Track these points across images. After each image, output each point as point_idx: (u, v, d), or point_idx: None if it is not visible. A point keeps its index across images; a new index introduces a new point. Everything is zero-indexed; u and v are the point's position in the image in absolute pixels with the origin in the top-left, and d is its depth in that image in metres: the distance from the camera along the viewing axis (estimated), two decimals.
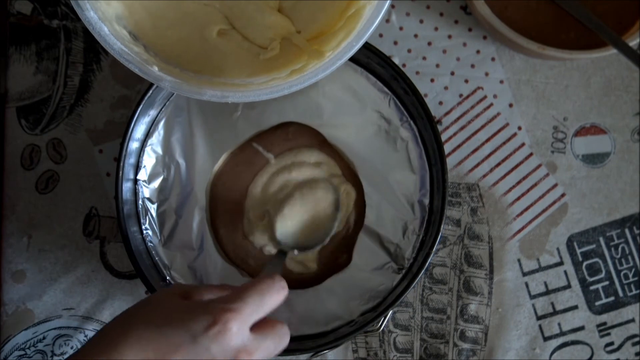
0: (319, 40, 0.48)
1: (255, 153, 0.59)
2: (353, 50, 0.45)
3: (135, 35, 0.47)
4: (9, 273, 0.60)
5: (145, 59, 0.45)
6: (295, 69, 0.47)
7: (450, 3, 0.63)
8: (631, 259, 0.63)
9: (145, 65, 0.44)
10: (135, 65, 0.44)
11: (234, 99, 0.45)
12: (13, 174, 0.61)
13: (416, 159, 0.57)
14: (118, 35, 0.45)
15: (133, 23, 0.47)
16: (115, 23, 0.45)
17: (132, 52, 0.45)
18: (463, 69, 0.63)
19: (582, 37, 0.58)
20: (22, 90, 0.61)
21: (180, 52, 0.49)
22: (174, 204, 0.57)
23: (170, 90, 0.45)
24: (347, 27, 0.47)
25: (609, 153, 0.63)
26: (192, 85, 0.45)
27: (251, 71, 0.49)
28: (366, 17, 0.46)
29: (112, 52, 0.43)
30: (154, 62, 0.46)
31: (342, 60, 0.45)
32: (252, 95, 0.45)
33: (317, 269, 0.58)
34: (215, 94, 0.45)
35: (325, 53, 0.46)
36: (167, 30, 0.49)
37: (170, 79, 0.45)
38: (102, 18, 0.44)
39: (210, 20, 0.50)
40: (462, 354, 0.61)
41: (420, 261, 0.55)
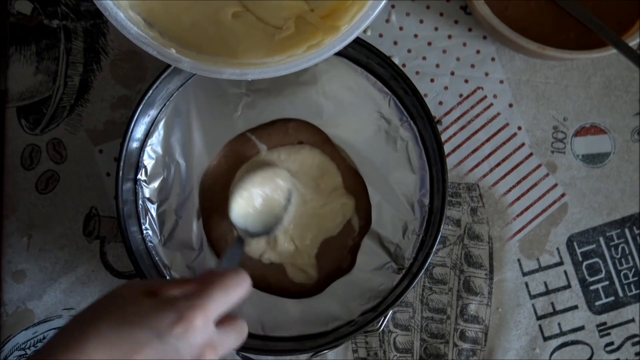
0: (333, 17, 0.49)
1: (247, 142, 0.58)
2: (369, 19, 0.45)
3: (150, 22, 0.47)
4: (9, 273, 0.60)
5: (162, 43, 0.46)
6: (312, 45, 0.48)
7: (450, 3, 0.63)
8: (631, 259, 0.63)
9: (163, 47, 0.45)
10: (153, 48, 0.44)
11: (253, 75, 0.46)
12: (13, 174, 0.61)
13: (416, 159, 0.57)
14: (134, 21, 0.45)
15: (147, 10, 0.48)
16: (130, 10, 0.46)
17: (149, 36, 0.45)
18: (463, 69, 0.63)
19: (582, 37, 0.58)
20: (22, 90, 0.61)
21: (195, 36, 0.49)
22: (174, 204, 0.57)
23: (190, 71, 0.45)
24: (359, 1, 0.47)
25: (609, 153, 0.63)
26: (210, 65, 0.45)
27: (267, 51, 0.49)
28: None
29: (129, 37, 0.44)
30: (171, 45, 0.46)
31: (359, 30, 0.45)
32: (271, 71, 0.46)
33: (318, 277, 0.58)
34: (235, 72, 0.45)
35: (341, 27, 0.47)
36: (181, 15, 0.49)
37: (189, 60, 0.45)
38: (117, 5, 0.44)
39: (224, 2, 0.50)
40: (462, 354, 0.61)
41: (420, 261, 0.55)
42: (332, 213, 0.58)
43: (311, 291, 0.57)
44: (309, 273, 0.58)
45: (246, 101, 0.57)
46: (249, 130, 0.58)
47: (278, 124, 0.58)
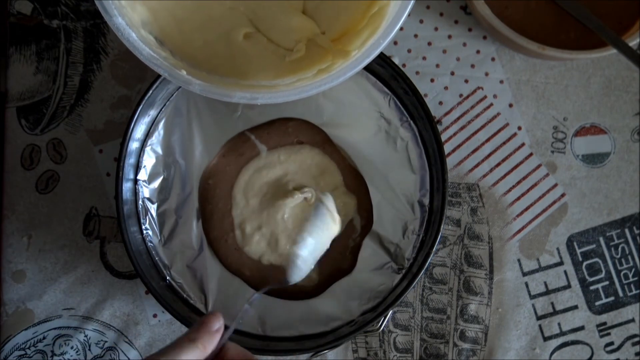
0: (344, 40, 0.48)
1: (246, 142, 0.58)
2: (380, 47, 0.44)
3: (161, 41, 0.47)
4: (9, 273, 0.60)
5: (172, 64, 0.45)
6: (322, 69, 0.47)
7: (450, 3, 0.63)
8: (631, 259, 0.63)
9: (174, 69, 0.44)
10: (164, 69, 0.43)
11: (263, 100, 0.45)
12: (13, 174, 0.61)
13: (416, 159, 0.57)
14: (145, 41, 0.44)
15: (158, 29, 0.47)
16: (142, 29, 0.45)
17: (160, 56, 0.44)
18: (463, 69, 0.63)
19: (582, 37, 0.58)
20: (22, 90, 0.61)
21: (206, 56, 0.48)
22: (174, 204, 0.57)
23: (200, 93, 0.44)
24: (371, 25, 0.47)
25: (609, 153, 0.63)
26: (220, 88, 0.45)
27: (277, 73, 0.49)
28: (390, 15, 0.45)
29: (141, 58, 0.43)
30: (181, 67, 0.46)
31: (370, 59, 0.44)
32: (281, 96, 0.45)
33: (318, 279, 0.58)
34: (245, 96, 0.44)
35: (351, 52, 0.46)
36: (193, 34, 0.48)
37: (199, 82, 0.44)
38: (129, 24, 0.44)
39: (236, 23, 0.49)
40: (462, 354, 0.61)
41: (420, 261, 0.55)
42: None
43: (311, 293, 0.57)
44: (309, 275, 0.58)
45: None
46: (249, 130, 0.58)
47: (278, 124, 0.58)
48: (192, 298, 0.56)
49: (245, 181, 0.58)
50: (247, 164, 0.58)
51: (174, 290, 0.56)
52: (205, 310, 0.56)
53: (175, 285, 0.56)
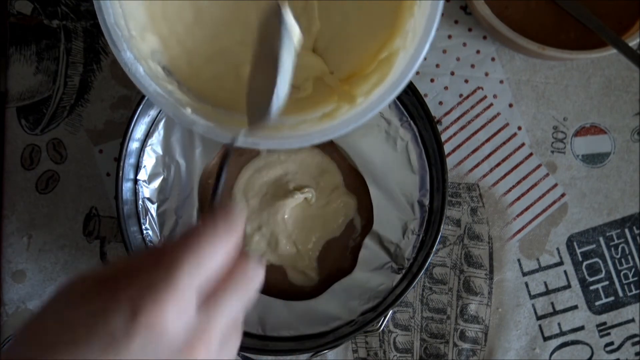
0: (351, 82, 0.47)
1: None
2: (385, 102, 0.43)
3: (170, 70, 0.46)
4: (9, 273, 0.60)
5: (178, 98, 0.44)
6: (327, 113, 0.46)
7: (450, 3, 0.63)
8: (631, 259, 0.63)
9: (179, 108, 0.43)
10: (169, 109, 0.43)
11: (264, 145, 0.44)
12: (13, 174, 0.61)
13: (416, 159, 0.57)
14: (153, 75, 0.43)
15: (168, 58, 0.46)
16: (150, 60, 0.44)
17: (165, 91, 0.44)
18: (463, 69, 0.63)
19: (582, 37, 0.58)
20: (22, 90, 0.61)
21: (213, 89, 0.47)
22: (174, 204, 0.57)
23: (203, 134, 0.44)
24: (379, 71, 0.45)
25: (609, 153, 0.63)
26: (225, 130, 0.44)
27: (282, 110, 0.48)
28: (400, 65, 0.44)
29: (147, 94, 0.42)
30: (187, 102, 0.44)
31: (374, 112, 0.43)
32: (285, 144, 0.44)
33: (318, 279, 0.58)
34: (248, 142, 0.43)
35: (357, 97, 0.45)
36: (203, 66, 0.47)
37: (203, 123, 0.43)
38: (137, 57, 0.43)
39: (244, 58, 0.48)
40: (462, 354, 0.61)
41: (420, 261, 0.55)
42: (334, 213, 0.58)
43: (311, 293, 0.57)
44: (309, 276, 0.58)
45: None
46: None
47: None
48: None
49: (245, 181, 0.58)
50: (246, 163, 0.58)
51: None
52: None
53: None
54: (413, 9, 0.45)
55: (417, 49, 0.42)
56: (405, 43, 0.45)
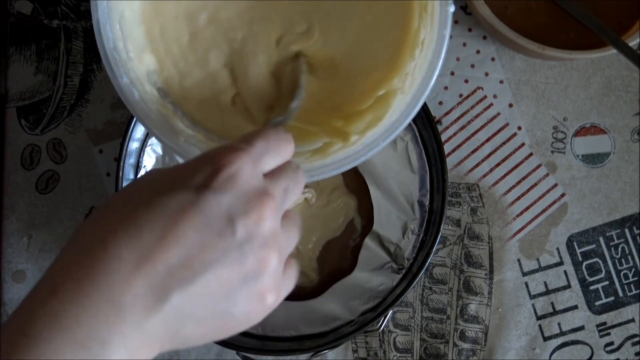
0: (346, 117, 0.45)
1: None
2: (379, 147, 0.42)
3: (165, 92, 0.45)
4: (9, 273, 0.60)
5: (172, 124, 0.44)
6: (318, 149, 0.45)
7: None
8: (631, 259, 0.63)
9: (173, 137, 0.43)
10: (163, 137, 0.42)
11: None
12: (13, 174, 0.61)
13: (416, 159, 0.57)
14: (148, 98, 0.43)
15: (163, 79, 0.46)
16: (146, 83, 0.44)
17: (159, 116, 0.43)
18: (463, 69, 0.63)
19: (582, 37, 0.58)
20: (22, 90, 0.61)
21: (203, 115, 0.46)
22: None
23: None
24: (375, 109, 0.44)
25: (609, 153, 0.63)
26: None
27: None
28: (397, 108, 0.43)
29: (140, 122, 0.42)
30: (180, 129, 0.44)
31: (366, 156, 0.42)
32: None
33: (319, 279, 0.58)
34: None
35: (351, 135, 0.43)
36: (192, 90, 0.46)
37: (196, 152, 0.43)
38: (133, 80, 0.43)
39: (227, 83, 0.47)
40: (462, 354, 0.61)
41: (420, 261, 0.55)
42: (335, 213, 0.58)
43: (311, 293, 0.57)
44: (309, 276, 0.58)
45: None
46: None
47: None
48: None
49: None
50: None
51: None
52: None
53: None
54: (414, 53, 0.44)
55: (414, 96, 0.42)
56: (404, 85, 0.44)
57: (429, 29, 0.42)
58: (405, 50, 0.45)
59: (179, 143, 0.43)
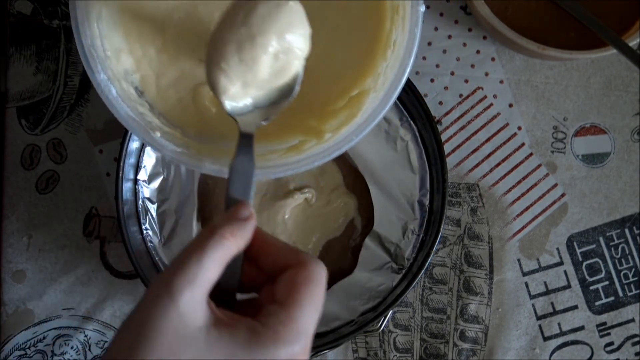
0: (320, 116, 0.47)
1: None
2: (352, 142, 0.43)
3: (142, 90, 0.46)
4: (9, 273, 0.60)
5: (149, 122, 0.44)
6: (293, 146, 0.46)
7: (450, 3, 0.63)
8: (631, 259, 0.63)
9: (149, 132, 0.43)
10: (139, 133, 0.43)
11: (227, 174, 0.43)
12: (13, 174, 0.61)
13: (416, 159, 0.57)
14: (125, 95, 0.44)
15: (140, 78, 0.46)
16: (123, 81, 0.44)
17: (136, 113, 0.43)
18: (463, 69, 0.63)
19: (582, 37, 0.58)
20: (22, 90, 0.61)
21: (179, 113, 0.47)
22: (174, 204, 0.57)
23: (171, 159, 0.44)
24: (348, 108, 0.45)
25: (609, 153, 0.63)
26: (191, 157, 0.44)
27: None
28: (369, 106, 0.44)
29: (118, 117, 0.42)
30: (157, 126, 0.44)
31: (340, 151, 0.43)
32: None
33: None
34: (213, 169, 0.43)
35: (325, 133, 0.45)
36: (167, 90, 0.47)
37: (171, 148, 0.43)
38: (111, 77, 0.43)
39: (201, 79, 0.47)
40: (462, 354, 0.61)
41: (420, 261, 0.55)
42: (335, 212, 0.58)
43: None
44: None
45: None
46: None
47: None
48: None
49: None
50: None
51: None
52: None
53: None
54: (386, 53, 0.45)
55: (386, 94, 0.43)
56: (376, 84, 0.45)
57: (401, 30, 0.43)
58: (378, 51, 0.46)
59: (156, 138, 0.43)
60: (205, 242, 0.32)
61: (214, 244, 0.32)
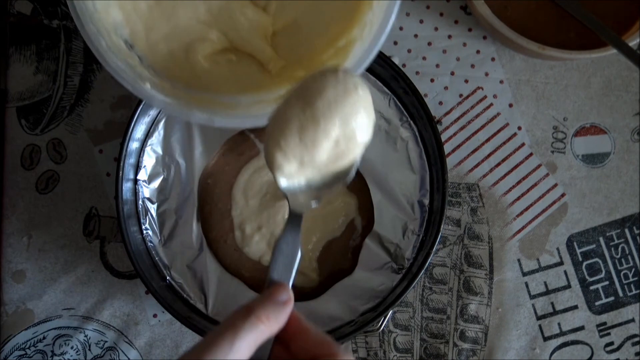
0: (307, 66, 0.48)
1: (245, 141, 0.58)
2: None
3: (131, 44, 0.47)
4: (9, 273, 0.60)
5: (139, 73, 0.45)
6: (281, 95, 0.46)
7: (450, 3, 0.63)
8: (631, 259, 0.63)
9: (138, 82, 0.44)
10: (128, 83, 0.43)
11: (220, 123, 0.44)
12: (13, 174, 0.61)
13: (416, 159, 0.57)
14: (115, 48, 0.44)
15: (129, 31, 0.47)
16: (112, 33, 0.45)
17: (126, 65, 0.44)
18: (463, 69, 0.63)
19: (582, 37, 0.58)
20: (22, 90, 0.61)
21: (169, 66, 0.48)
22: (174, 204, 0.57)
23: (160, 109, 0.45)
24: (335, 58, 0.47)
25: (609, 153, 0.63)
26: (181, 107, 0.44)
27: (238, 89, 0.48)
28: (356, 55, 0.45)
29: (108, 68, 0.43)
30: (147, 77, 0.45)
31: None
32: (237, 122, 0.45)
33: (319, 280, 0.58)
34: (203, 117, 0.44)
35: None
36: (158, 43, 0.48)
37: (161, 99, 0.44)
38: (100, 30, 0.44)
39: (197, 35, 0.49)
40: (462, 354, 0.61)
41: (420, 261, 0.55)
42: (335, 213, 0.58)
43: (311, 294, 0.57)
44: (309, 276, 0.58)
45: None
46: (248, 129, 0.58)
47: None
48: (192, 298, 0.56)
49: (245, 181, 0.58)
50: (246, 163, 0.58)
51: (174, 290, 0.56)
52: (206, 311, 0.56)
53: (175, 285, 0.56)
54: (372, 3, 0.46)
55: (372, 41, 0.43)
56: (362, 34, 0.46)
57: None
58: (364, 1, 0.47)
59: (145, 89, 0.44)
60: (240, 323, 0.32)
61: (248, 326, 0.32)
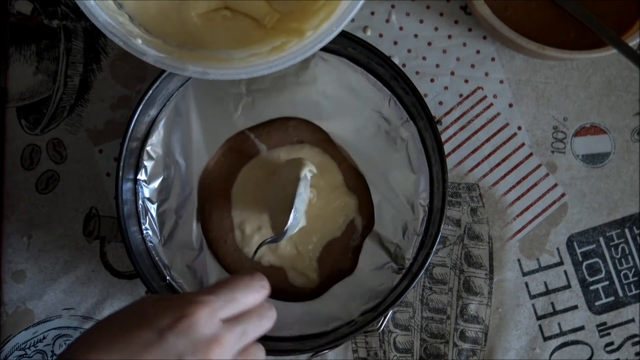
0: (300, 17, 0.49)
1: (246, 141, 0.58)
2: (332, 34, 0.46)
3: (120, 3, 0.47)
4: (9, 273, 0.60)
5: (129, 30, 0.45)
6: (276, 46, 0.48)
7: (450, 3, 0.63)
8: (631, 259, 0.63)
9: (129, 38, 0.44)
10: (119, 38, 0.44)
11: (214, 76, 0.46)
12: (13, 174, 0.61)
13: (416, 159, 0.57)
14: (104, 5, 0.45)
15: None
16: None
17: (116, 23, 0.45)
18: (463, 69, 0.63)
19: (582, 37, 0.58)
20: (22, 90, 0.61)
21: (161, 24, 0.49)
22: (174, 204, 0.57)
23: (153, 64, 0.45)
24: (327, 6, 0.48)
25: (609, 153, 0.63)
26: (174, 60, 0.45)
27: (232, 44, 0.49)
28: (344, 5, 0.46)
29: (97, 24, 0.43)
30: (138, 34, 0.46)
31: (322, 44, 0.46)
32: (232, 74, 0.46)
33: (319, 280, 0.58)
34: (197, 71, 0.45)
35: (305, 32, 0.47)
36: (147, 3, 0.49)
37: (154, 53, 0.45)
38: None
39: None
40: (462, 354, 0.61)
41: (420, 261, 0.55)
42: (335, 213, 0.58)
43: (311, 294, 0.57)
44: (310, 277, 0.57)
45: (246, 101, 0.58)
46: (249, 129, 0.58)
47: (278, 123, 0.58)
48: None
49: (245, 181, 0.58)
50: (246, 163, 0.58)
51: (174, 290, 0.56)
52: None
53: (175, 285, 0.56)
54: None
55: None
56: None
57: None
58: None
59: (137, 45, 0.44)
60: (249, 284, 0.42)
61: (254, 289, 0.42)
